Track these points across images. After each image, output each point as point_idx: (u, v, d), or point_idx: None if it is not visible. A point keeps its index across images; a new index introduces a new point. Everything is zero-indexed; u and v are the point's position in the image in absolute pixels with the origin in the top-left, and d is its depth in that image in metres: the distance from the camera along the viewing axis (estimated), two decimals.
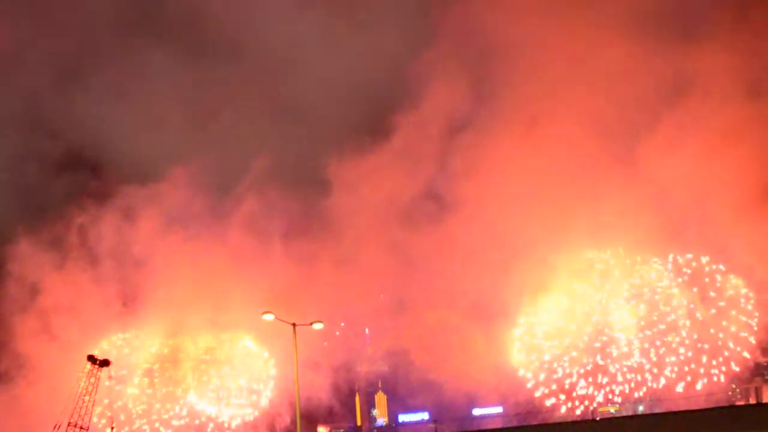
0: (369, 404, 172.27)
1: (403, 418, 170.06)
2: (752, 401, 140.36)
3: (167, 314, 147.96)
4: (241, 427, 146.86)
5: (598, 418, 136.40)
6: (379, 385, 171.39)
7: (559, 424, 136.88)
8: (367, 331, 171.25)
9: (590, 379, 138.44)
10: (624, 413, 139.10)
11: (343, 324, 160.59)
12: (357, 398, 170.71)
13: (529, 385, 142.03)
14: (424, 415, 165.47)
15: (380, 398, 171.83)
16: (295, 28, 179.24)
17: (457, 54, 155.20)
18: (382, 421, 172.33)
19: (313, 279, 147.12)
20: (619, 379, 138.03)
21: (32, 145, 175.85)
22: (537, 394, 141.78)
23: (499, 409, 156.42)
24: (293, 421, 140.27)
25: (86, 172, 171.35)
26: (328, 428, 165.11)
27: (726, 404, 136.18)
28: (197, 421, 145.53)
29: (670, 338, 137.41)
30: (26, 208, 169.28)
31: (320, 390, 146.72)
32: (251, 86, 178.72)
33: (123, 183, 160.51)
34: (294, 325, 73.07)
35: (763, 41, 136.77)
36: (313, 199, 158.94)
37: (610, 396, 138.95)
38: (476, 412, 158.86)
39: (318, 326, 76.82)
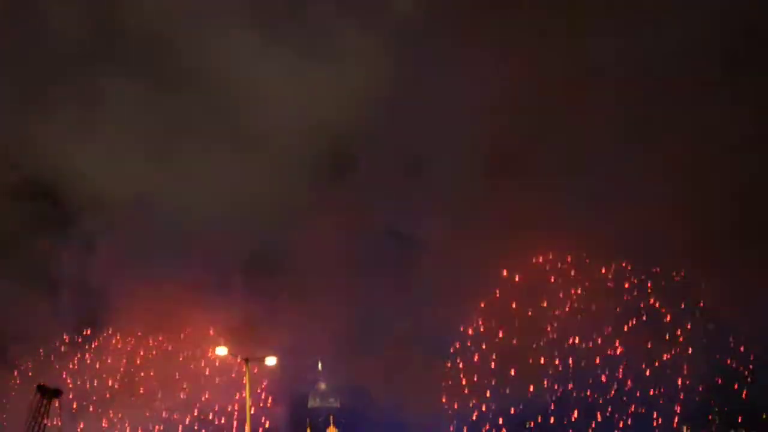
0: None
1: None
2: None
3: (125, 345, 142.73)
4: None
5: None
6: (331, 421, 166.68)
7: None
8: (320, 366, 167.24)
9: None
10: None
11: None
12: None
13: None
14: None
15: None
16: (259, 62, 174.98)
17: (421, 91, 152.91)
18: None
19: (271, 313, 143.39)
20: None
21: None
22: None
23: None
24: None
25: (45, 201, 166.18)
26: None
27: None
28: None
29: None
30: None
31: (271, 425, 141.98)
32: (213, 119, 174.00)
33: (82, 213, 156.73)
34: (246, 360, 68.44)
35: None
36: (274, 232, 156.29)
37: None
38: None
39: (271, 361, 72.08)
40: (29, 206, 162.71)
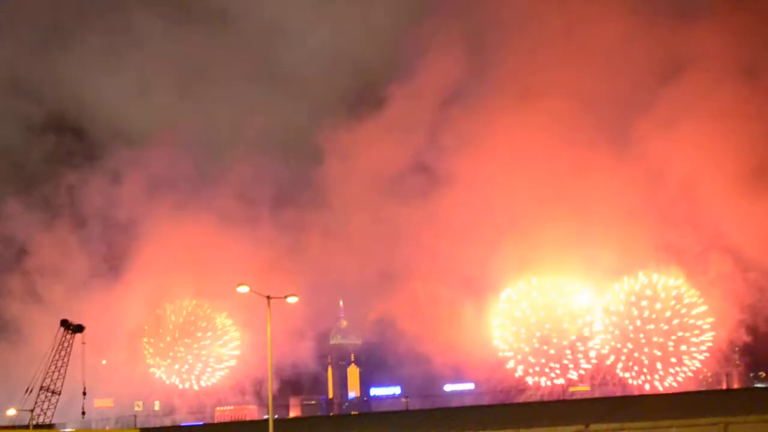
0: (342, 377, 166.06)
1: (374, 391, 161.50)
2: (724, 387, 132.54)
3: (152, 279, 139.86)
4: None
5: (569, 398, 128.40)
6: (352, 359, 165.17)
7: (529, 404, 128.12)
8: (341, 303, 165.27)
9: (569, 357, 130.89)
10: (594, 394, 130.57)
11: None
12: (329, 371, 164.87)
13: (510, 364, 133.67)
14: (396, 390, 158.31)
15: (353, 371, 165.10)
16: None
17: (451, 28, 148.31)
18: (353, 394, 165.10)
19: (300, 248, 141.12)
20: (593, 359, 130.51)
21: (14, 107, 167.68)
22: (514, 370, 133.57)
23: (470, 386, 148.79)
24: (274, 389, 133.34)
25: (70, 135, 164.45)
26: (300, 400, 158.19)
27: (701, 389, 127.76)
28: None
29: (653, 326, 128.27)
30: (10, 169, 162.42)
31: (298, 360, 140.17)
32: (240, 53, 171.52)
33: (109, 146, 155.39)
34: (269, 297, 65.38)
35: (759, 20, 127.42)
36: (302, 168, 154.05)
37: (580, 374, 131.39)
38: (448, 388, 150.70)
39: (292, 300, 69.03)
40: (55, 140, 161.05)
